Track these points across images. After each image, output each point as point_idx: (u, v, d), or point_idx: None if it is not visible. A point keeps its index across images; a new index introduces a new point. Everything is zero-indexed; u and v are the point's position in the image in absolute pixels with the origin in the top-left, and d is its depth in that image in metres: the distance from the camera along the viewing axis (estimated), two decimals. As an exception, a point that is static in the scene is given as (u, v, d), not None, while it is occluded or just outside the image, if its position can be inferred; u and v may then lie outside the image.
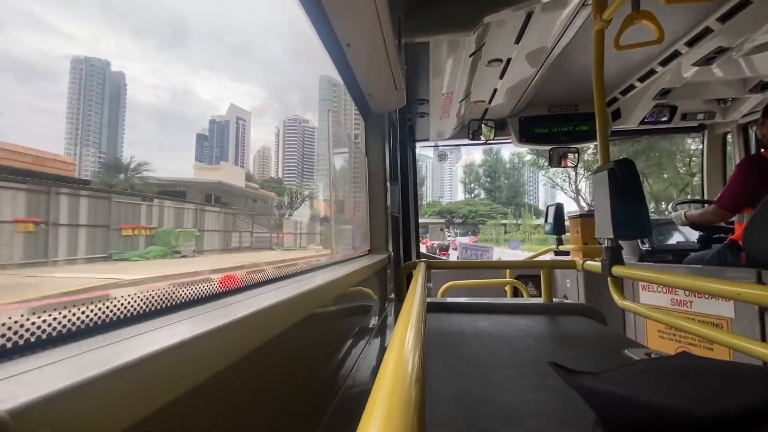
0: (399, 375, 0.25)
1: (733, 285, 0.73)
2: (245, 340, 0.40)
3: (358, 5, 0.92)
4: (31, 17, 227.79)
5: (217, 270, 4.96)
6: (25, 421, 0.18)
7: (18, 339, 0.26)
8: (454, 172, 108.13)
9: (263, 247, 9.70)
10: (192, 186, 10.54)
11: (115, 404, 0.23)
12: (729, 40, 1.68)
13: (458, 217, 62.46)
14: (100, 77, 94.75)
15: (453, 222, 62.58)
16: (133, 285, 2.21)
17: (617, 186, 1.16)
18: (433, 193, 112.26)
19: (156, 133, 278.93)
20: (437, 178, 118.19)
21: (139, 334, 0.31)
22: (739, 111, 2.55)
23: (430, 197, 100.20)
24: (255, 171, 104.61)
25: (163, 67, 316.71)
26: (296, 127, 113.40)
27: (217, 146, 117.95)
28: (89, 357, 0.25)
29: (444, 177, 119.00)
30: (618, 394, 0.47)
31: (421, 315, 0.48)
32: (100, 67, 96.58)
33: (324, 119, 13.03)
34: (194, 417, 0.33)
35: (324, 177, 6.90)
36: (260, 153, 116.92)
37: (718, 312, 1.77)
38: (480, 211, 63.09)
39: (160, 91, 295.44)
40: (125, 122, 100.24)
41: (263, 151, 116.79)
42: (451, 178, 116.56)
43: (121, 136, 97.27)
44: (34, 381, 0.21)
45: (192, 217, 7.16)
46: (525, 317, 1.42)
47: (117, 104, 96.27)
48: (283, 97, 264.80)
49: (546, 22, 1.64)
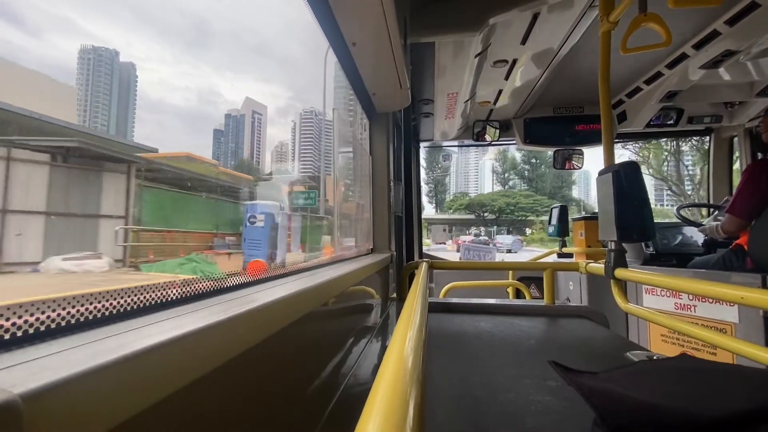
0: (399, 374, 0.26)
1: (738, 289, 0.73)
2: (245, 336, 0.40)
3: (364, 5, 0.92)
4: (70, 23, 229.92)
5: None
6: (36, 405, 0.18)
7: (28, 327, 0.26)
8: (481, 165, 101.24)
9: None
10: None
11: (121, 392, 0.24)
12: (737, 44, 1.67)
13: (491, 212, 50.02)
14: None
15: (484, 218, 50.92)
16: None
17: (621, 188, 1.16)
18: (456, 186, 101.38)
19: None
20: (461, 172, 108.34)
21: (143, 326, 0.32)
22: (747, 115, 2.53)
23: (454, 189, 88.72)
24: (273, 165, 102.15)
25: (177, 65, 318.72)
26: (312, 120, 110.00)
27: (233, 141, 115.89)
28: (98, 346, 0.26)
29: (469, 170, 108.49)
30: (618, 393, 0.47)
31: (423, 315, 0.49)
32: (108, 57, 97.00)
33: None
34: (194, 412, 0.34)
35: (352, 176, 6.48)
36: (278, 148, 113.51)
37: (722, 317, 1.75)
38: (521, 204, 48.91)
39: (184, 91, 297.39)
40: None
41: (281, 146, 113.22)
42: (477, 171, 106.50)
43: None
44: (45, 367, 0.21)
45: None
46: (527, 319, 1.42)
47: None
48: (300, 94, 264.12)
49: (552, 23, 1.64)
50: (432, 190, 61.42)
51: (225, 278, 0.54)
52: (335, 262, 1.10)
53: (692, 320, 1.83)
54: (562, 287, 2.87)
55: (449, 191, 74.22)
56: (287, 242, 7.95)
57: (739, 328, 1.68)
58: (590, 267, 1.45)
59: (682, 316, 1.90)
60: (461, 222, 53.30)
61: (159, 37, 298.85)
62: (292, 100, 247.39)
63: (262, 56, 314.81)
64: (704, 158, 13.15)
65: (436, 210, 61.18)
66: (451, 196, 66.72)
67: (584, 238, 2.87)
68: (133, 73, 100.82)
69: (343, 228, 1.80)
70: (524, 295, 2.73)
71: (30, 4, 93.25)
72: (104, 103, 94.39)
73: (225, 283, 0.54)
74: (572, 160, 2.99)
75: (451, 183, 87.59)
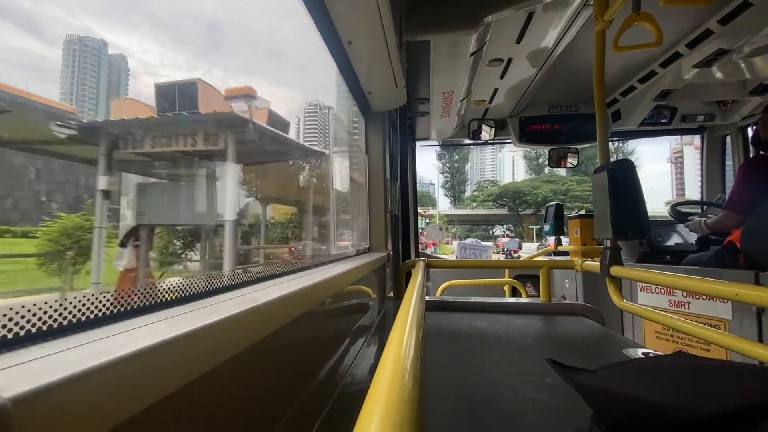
0: (397, 373, 0.25)
1: (732, 286, 0.74)
2: (242, 336, 0.40)
3: (359, 3, 0.92)
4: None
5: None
6: (27, 409, 0.18)
7: (18, 330, 0.26)
8: (500, 159, 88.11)
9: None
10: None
11: (115, 395, 0.23)
12: (729, 43, 1.68)
13: (532, 203, 38.48)
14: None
15: (518, 212, 40.03)
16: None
17: (616, 186, 1.17)
18: (472, 177, 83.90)
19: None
20: (477, 169, 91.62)
21: (137, 327, 0.32)
22: (739, 113, 2.55)
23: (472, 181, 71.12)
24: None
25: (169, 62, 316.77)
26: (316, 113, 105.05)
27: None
28: (91, 348, 0.26)
29: (485, 165, 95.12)
30: (615, 390, 0.48)
31: (420, 313, 0.49)
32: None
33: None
34: (191, 412, 0.34)
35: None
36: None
37: (715, 313, 1.77)
38: (574, 192, 36.26)
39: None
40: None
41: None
42: (494, 166, 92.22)
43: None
44: (35, 371, 0.21)
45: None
46: (523, 317, 1.43)
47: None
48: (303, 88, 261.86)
49: (547, 22, 1.64)
50: (448, 181, 53.18)
51: (220, 278, 0.54)
52: (331, 261, 1.10)
53: (686, 317, 1.84)
54: (558, 285, 2.88)
55: (469, 182, 63.70)
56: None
57: (733, 325, 1.70)
58: (586, 265, 1.45)
59: (676, 312, 1.92)
60: (485, 219, 43.42)
61: (150, 33, 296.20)
62: (290, 102, 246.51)
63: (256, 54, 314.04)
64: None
65: (454, 204, 51.33)
66: (472, 187, 55.21)
67: (579, 236, 2.89)
68: (124, 66, 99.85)
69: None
70: (521, 293, 2.74)
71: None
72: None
73: (220, 284, 0.53)
74: (567, 158, 3.01)
75: (470, 173, 74.61)
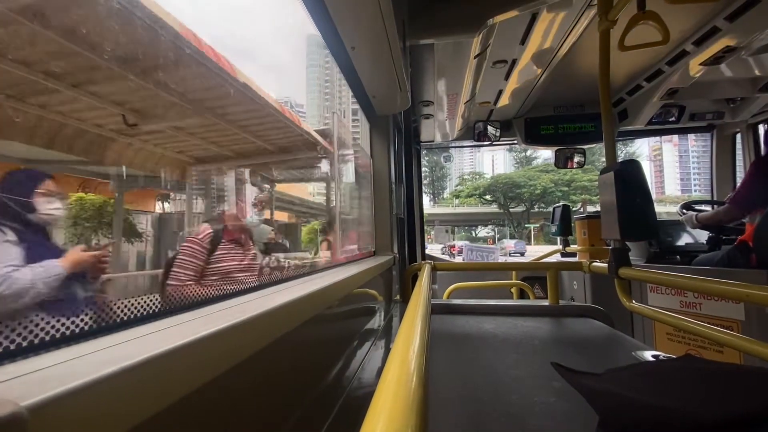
0: (403, 376, 0.26)
1: (743, 286, 0.72)
2: (252, 340, 0.40)
3: (362, 9, 0.92)
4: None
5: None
6: (42, 416, 0.18)
7: (33, 338, 0.27)
8: (478, 159, 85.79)
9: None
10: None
11: (127, 401, 0.24)
12: (737, 40, 1.66)
13: (528, 197, 34.22)
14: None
15: (509, 209, 35.08)
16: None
17: (624, 186, 1.15)
18: (452, 174, 79.13)
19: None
20: (456, 167, 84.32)
21: (149, 333, 0.32)
22: (749, 111, 2.51)
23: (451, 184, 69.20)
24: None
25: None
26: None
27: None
28: (103, 355, 0.26)
29: (464, 165, 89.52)
30: (620, 395, 0.47)
31: (426, 316, 0.49)
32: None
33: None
34: (200, 418, 0.34)
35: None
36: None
37: (728, 314, 1.74)
38: (580, 182, 32.17)
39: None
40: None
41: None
42: (473, 166, 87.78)
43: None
44: (50, 378, 0.21)
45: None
46: (531, 319, 1.41)
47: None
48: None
49: (551, 22, 1.63)
50: (426, 176, 50.82)
51: (230, 285, 0.54)
52: (338, 265, 1.10)
53: (698, 318, 1.81)
54: (566, 287, 2.86)
55: (449, 177, 61.87)
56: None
57: (746, 326, 1.66)
58: (594, 266, 1.44)
59: (687, 314, 1.89)
60: (469, 218, 38.41)
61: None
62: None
63: (260, 64, 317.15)
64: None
65: (434, 202, 49.19)
66: (454, 182, 50.39)
67: (587, 237, 2.86)
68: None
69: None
70: (528, 295, 2.71)
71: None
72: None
73: (230, 290, 0.54)
74: (574, 159, 2.99)
75: (450, 169, 72.58)
